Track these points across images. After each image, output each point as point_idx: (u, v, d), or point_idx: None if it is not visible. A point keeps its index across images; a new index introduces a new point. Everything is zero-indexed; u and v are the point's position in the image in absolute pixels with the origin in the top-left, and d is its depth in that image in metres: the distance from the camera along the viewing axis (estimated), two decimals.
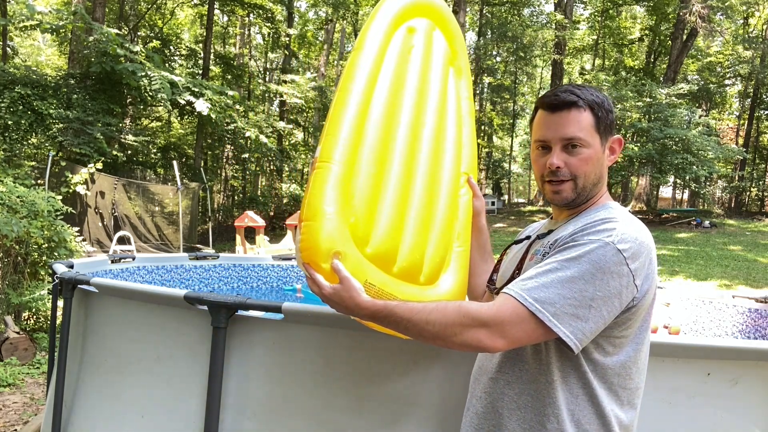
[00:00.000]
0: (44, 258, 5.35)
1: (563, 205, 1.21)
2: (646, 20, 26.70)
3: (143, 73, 12.81)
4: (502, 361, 1.17)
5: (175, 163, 12.14)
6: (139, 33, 21.06)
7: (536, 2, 26.10)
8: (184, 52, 22.65)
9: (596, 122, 1.17)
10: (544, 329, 1.00)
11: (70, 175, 11.34)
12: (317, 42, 29.22)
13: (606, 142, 1.20)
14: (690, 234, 16.39)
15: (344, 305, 1.14)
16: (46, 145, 12.75)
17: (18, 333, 4.57)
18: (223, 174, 24.06)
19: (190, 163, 18.87)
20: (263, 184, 25.69)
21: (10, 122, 11.67)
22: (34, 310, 5.14)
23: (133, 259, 3.09)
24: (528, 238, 1.34)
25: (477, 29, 26.55)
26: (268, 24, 22.49)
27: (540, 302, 1.00)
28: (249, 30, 26.99)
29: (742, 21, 25.98)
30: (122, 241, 10.34)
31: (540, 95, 1.24)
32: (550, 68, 25.51)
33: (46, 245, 5.32)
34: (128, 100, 15.38)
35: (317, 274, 1.18)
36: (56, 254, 5.33)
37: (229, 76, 22.53)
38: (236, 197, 23.85)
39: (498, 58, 26.25)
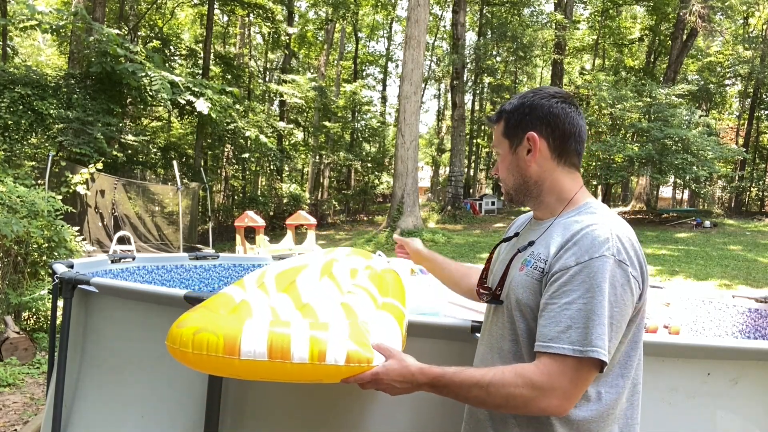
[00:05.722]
0: (44, 258, 5.34)
1: (510, 202, 1.32)
2: (646, 20, 26.70)
3: (143, 73, 12.81)
4: None
5: (175, 163, 12.13)
6: (139, 33, 21.06)
7: (536, 2, 26.10)
8: (184, 52, 22.65)
9: (504, 128, 1.26)
10: (591, 364, 1.02)
11: (70, 175, 11.34)
12: (317, 42, 29.22)
13: (516, 143, 1.23)
14: (690, 234, 16.39)
15: (403, 378, 1.09)
16: (46, 145, 12.74)
17: (18, 333, 4.57)
18: (223, 174, 24.07)
19: (190, 163, 18.87)
20: (263, 184, 25.70)
21: (10, 122, 11.67)
22: (34, 310, 5.14)
23: (133, 259, 3.08)
24: (517, 235, 1.35)
25: (477, 29, 26.56)
26: (268, 24, 22.50)
27: (579, 343, 1.01)
28: (249, 30, 26.99)
29: (742, 21, 25.98)
30: (122, 241, 10.34)
31: None
32: (550, 68, 25.51)
33: (46, 245, 5.31)
34: (128, 100, 15.39)
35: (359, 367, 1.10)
36: (56, 254, 5.33)
37: (229, 76, 22.53)
38: (236, 197, 23.86)
39: (498, 58, 26.24)
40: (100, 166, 11.88)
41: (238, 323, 1.13)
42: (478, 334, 1.46)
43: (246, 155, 20.87)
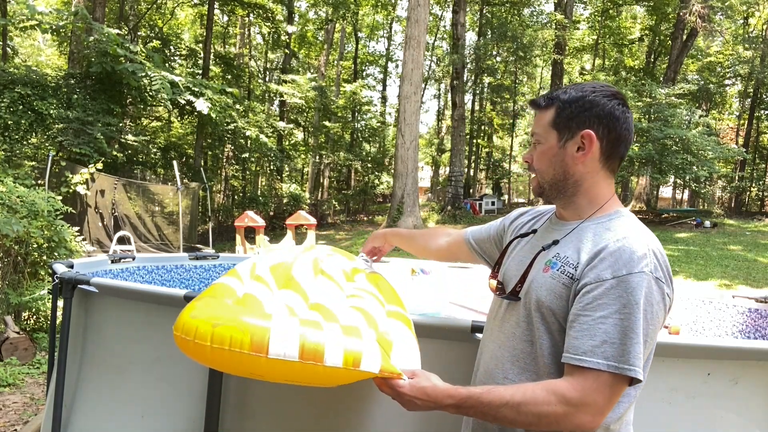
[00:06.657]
0: (44, 258, 5.34)
1: (539, 196, 1.24)
2: (646, 20, 26.70)
3: (143, 73, 12.81)
4: (512, 379, 1.17)
5: (175, 163, 12.13)
6: (139, 33, 21.06)
7: (536, 2, 26.10)
8: (184, 52, 22.65)
9: (555, 117, 1.17)
10: (623, 380, 1.02)
11: (70, 175, 11.34)
12: (317, 42, 29.21)
13: (566, 137, 1.16)
14: (690, 234, 16.38)
15: (427, 397, 1.08)
16: (46, 145, 12.74)
17: (18, 333, 4.57)
18: (223, 174, 24.07)
19: (190, 163, 18.87)
20: (263, 184, 25.69)
21: (10, 122, 11.67)
22: (34, 310, 5.14)
23: (133, 259, 3.08)
24: (534, 231, 1.30)
25: (477, 29, 26.55)
26: (268, 24, 22.50)
27: (614, 359, 1.00)
28: (249, 30, 26.98)
29: (742, 21, 25.99)
30: (122, 241, 10.33)
31: None
32: (550, 68, 25.50)
33: (46, 245, 5.31)
34: (128, 100, 15.39)
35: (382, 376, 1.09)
36: (56, 254, 5.33)
37: (229, 76, 22.53)
38: (236, 197, 23.85)
39: (498, 58, 26.24)
40: (100, 166, 11.87)
41: (263, 319, 1.07)
42: (478, 335, 1.46)
43: (246, 155, 20.87)
